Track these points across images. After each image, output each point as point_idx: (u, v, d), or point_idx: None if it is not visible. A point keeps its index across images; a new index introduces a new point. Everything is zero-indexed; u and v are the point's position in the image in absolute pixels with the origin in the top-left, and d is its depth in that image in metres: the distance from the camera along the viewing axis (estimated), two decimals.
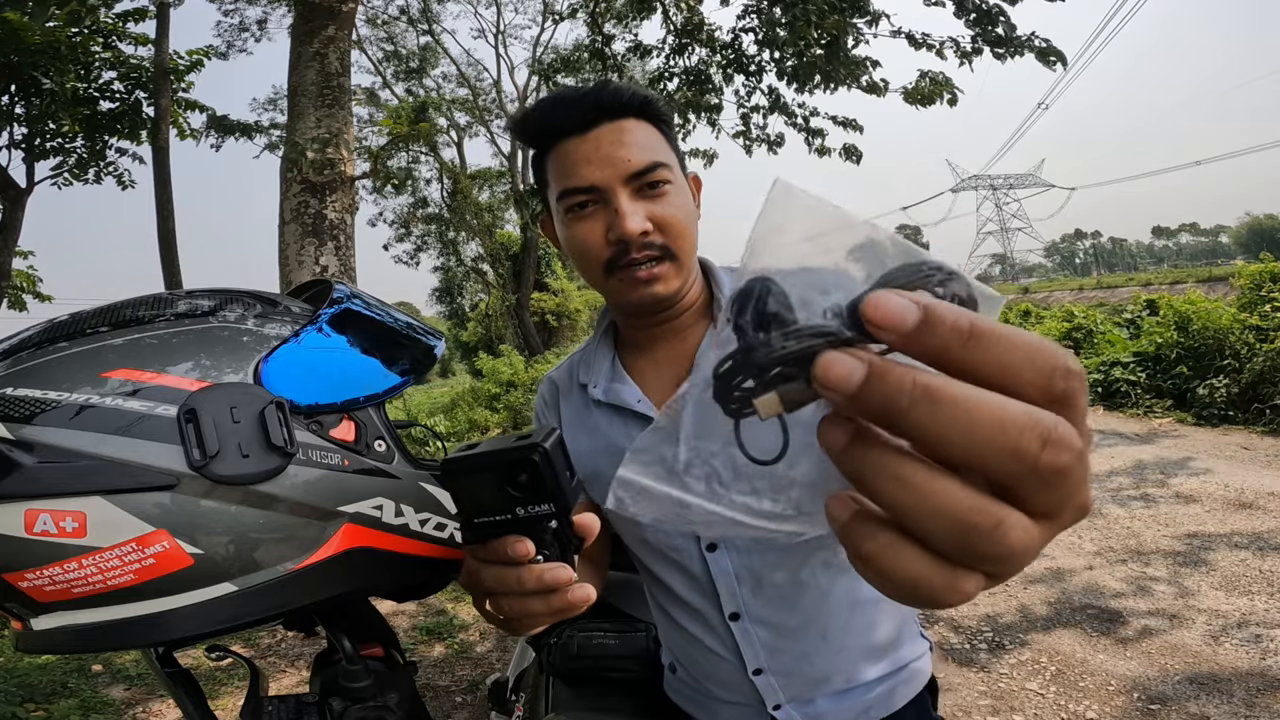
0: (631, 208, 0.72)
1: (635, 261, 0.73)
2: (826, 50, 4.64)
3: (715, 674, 0.85)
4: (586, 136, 0.74)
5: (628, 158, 0.73)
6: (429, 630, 3.40)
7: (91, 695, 3.08)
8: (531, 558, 0.45)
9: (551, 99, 0.77)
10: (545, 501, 0.44)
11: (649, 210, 0.73)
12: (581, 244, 0.76)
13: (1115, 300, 16.45)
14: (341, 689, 0.67)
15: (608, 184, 0.73)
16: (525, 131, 0.79)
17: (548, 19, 16.77)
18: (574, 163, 0.74)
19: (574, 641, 1.17)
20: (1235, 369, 5.95)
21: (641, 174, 0.73)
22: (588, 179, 0.73)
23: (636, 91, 0.76)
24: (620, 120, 0.74)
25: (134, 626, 0.49)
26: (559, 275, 21.67)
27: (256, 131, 11.94)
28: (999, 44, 4.48)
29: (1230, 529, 3.57)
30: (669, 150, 0.77)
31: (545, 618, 0.49)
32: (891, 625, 0.83)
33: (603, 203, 0.74)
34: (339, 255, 4.75)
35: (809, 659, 0.80)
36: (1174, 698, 2.27)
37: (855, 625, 0.80)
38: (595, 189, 0.73)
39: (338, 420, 0.57)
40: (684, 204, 0.76)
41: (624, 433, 0.83)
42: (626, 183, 0.73)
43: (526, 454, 0.43)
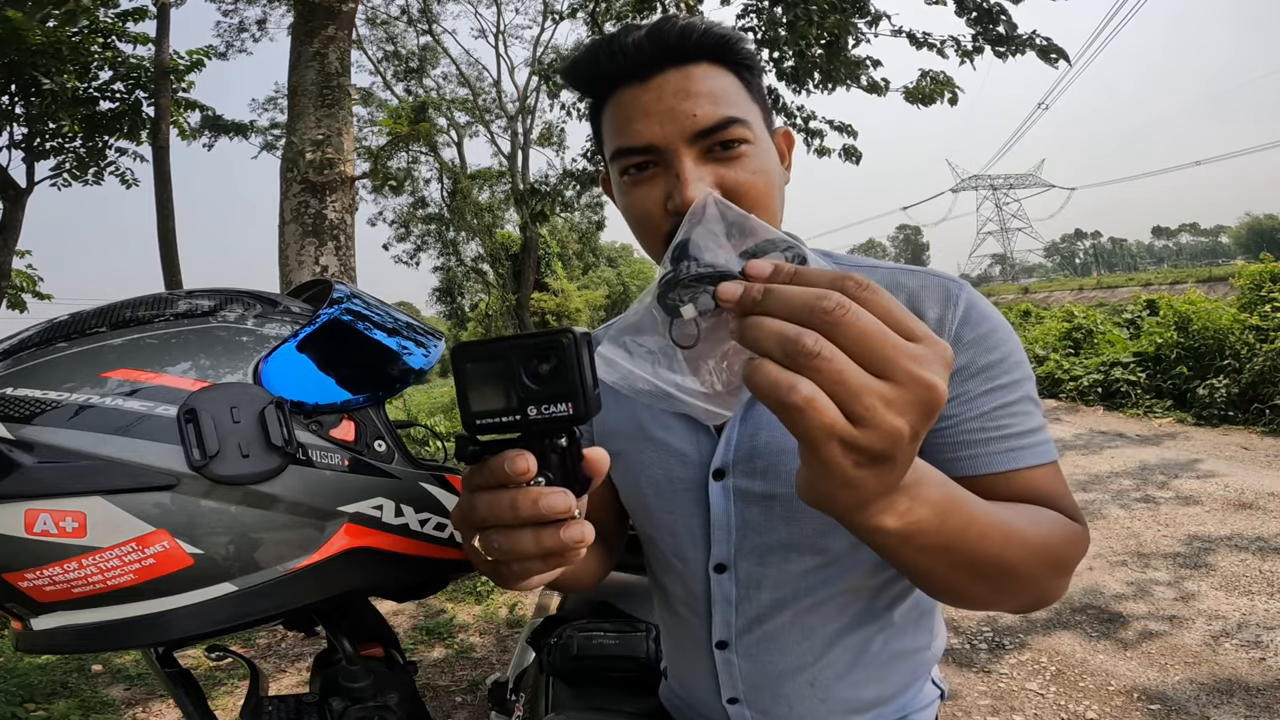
0: (697, 173, 0.61)
1: None
2: (827, 50, 4.64)
3: (695, 692, 0.81)
4: (646, 85, 0.62)
5: (694, 111, 0.61)
6: (429, 630, 3.40)
7: (91, 695, 3.08)
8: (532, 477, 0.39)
9: (608, 39, 0.65)
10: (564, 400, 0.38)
11: (719, 175, 0.61)
12: (639, 213, 0.65)
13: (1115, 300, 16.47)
14: (341, 689, 0.67)
15: (669, 143, 0.61)
16: (577, 78, 0.68)
17: (548, 19, 16.77)
18: (629, 116, 0.63)
19: (574, 641, 1.17)
20: (1235, 369, 5.95)
21: (711, 131, 0.61)
22: (645, 136, 0.62)
23: (711, 28, 0.63)
24: (688, 65, 0.62)
25: (134, 626, 0.49)
26: (559, 275, 21.68)
27: (251, 131, 11.94)
28: (1000, 42, 4.48)
29: (1231, 530, 3.57)
30: (749, 102, 0.65)
31: (536, 562, 0.41)
32: (900, 679, 0.75)
33: (664, 165, 0.63)
34: (339, 255, 4.75)
35: (789, 702, 0.74)
36: (1174, 698, 2.27)
37: (853, 679, 0.73)
38: (654, 148, 0.62)
39: (337, 420, 0.57)
40: (764, 168, 0.64)
41: (652, 414, 0.75)
42: (692, 142, 0.61)
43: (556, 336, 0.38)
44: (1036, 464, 0.62)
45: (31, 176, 7.19)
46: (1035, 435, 0.63)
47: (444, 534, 0.60)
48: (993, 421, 0.62)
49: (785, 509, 0.67)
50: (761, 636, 0.73)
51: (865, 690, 0.73)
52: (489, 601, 3.74)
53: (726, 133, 0.61)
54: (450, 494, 0.62)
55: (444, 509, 0.61)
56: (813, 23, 4.33)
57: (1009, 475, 0.62)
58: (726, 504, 0.70)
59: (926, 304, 0.66)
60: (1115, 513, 4.03)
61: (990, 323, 0.65)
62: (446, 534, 0.61)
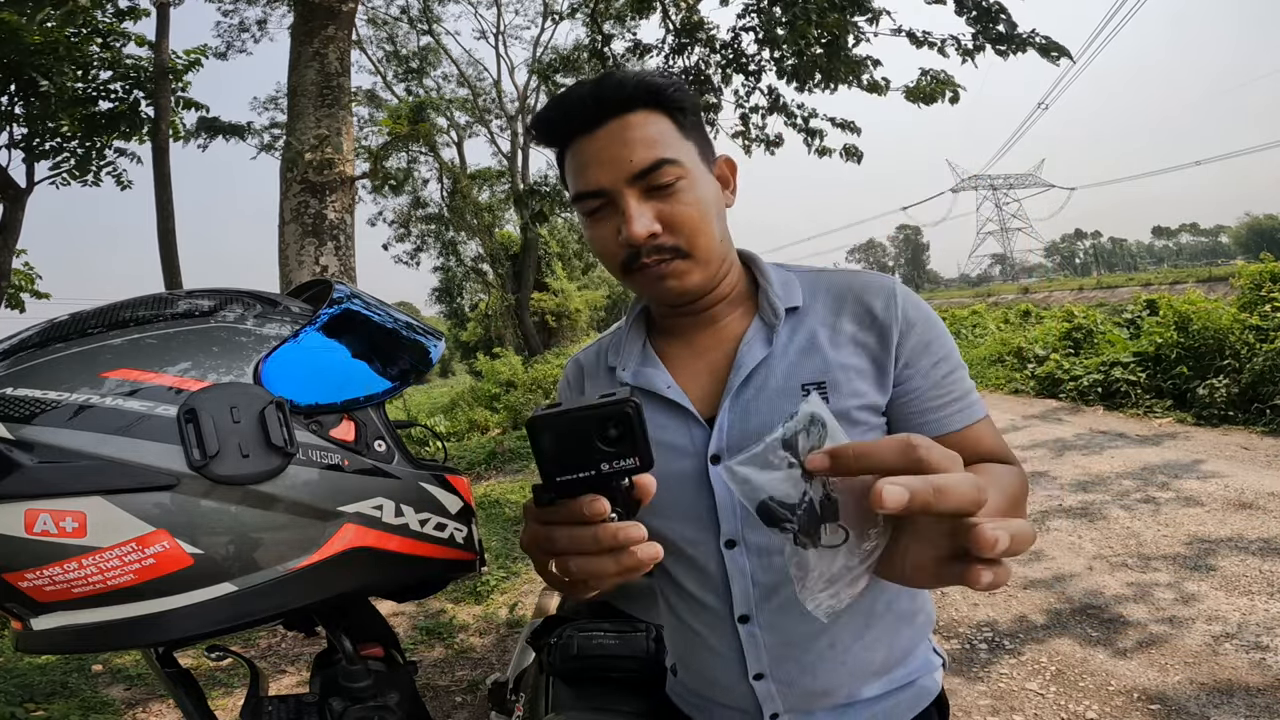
0: (638, 210, 0.70)
1: (646, 264, 0.72)
2: (826, 49, 4.64)
3: (716, 677, 0.83)
4: (594, 135, 0.71)
5: (629, 157, 0.69)
6: (429, 630, 3.40)
7: (91, 695, 3.08)
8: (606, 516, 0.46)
9: (558, 98, 0.74)
10: (632, 456, 0.45)
11: (658, 210, 0.70)
12: (599, 247, 0.75)
13: (1115, 300, 16.47)
14: (341, 689, 0.67)
15: (614, 186, 0.70)
16: (541, 132, 0.76)
17: (548, 19, 16.77)
18: (583, 163, 0.73)
19: (574, 641, 1.17)
20: (1235, 369, 5.95)
21: (645, 173, 0.70)
22: (595, 182, 0.71)
23: (642, 80, 0.71)
24: (626, 114, 0.71)
25: (134, 626, 0.49)
26: (559, 275, 21.66)
27: (247, 133, 11.93)
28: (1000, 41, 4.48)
29: (1231, 530, 3.57)
30: (681, 142, 0.73)
31: (614, 577, 0.49)
32: (904, 641, 0.81)
33: (613, 204, 0.72)
34: (339, 255, 4.75)
35: (813, 671, 0.78)
36: (1174, 698, 2.27)
37: (866, 639, 0.78)
38: (603, 191, 0.71)
39: (338, 420, 0.57)
40: (699, 199, 0.72)
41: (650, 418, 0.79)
42: (632, 184, 0.70)
43: (621, 407, 0.44)
44: (979, 418, 0.78)
45: (31, 176, 7.18)
46: (972, 395, 0.79)
47: (444, 534, 0.60)
48: (943, 389, 0.77)
49: None
50: (781, 604, 0.77)
51: (877, 651, 0.79)
52: (489, 601, 3.74)
53: (659, 173, 0.70)
54: (450, 494, 0.62)
55: (444, 509, 0.61)
56: (811, 22, 4.33)
57: (963, 432, 0.76)
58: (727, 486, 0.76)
59: (872, 298, 0.77)
60: (1116, 513, 4.03)
61: (922, 309, 0.79)
62: (446, 534, 0.61)
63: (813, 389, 0.74)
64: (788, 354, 0.77)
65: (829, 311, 0.78)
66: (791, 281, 0.81)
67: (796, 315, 0.79)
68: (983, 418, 0.78)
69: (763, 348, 0.77)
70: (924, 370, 0.76)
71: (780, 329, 0.77)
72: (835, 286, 0.80)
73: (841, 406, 0.73)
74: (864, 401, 0.75)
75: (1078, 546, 3.62)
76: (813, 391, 0.72)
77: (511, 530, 4.98)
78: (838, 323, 0.77)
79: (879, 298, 0.77)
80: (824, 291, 0.80)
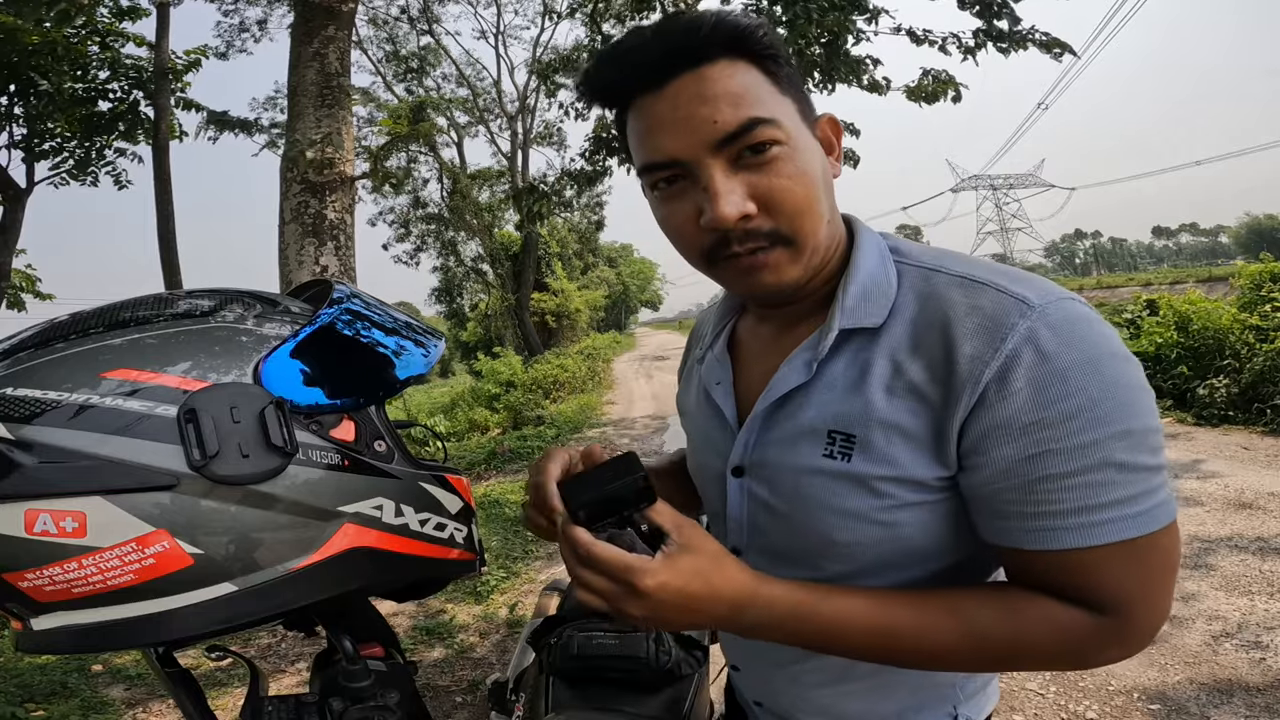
0: (726, 186, 0.56)
1: (737, 253, 0.58)
2: (826, 48, 4.64)
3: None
4: (661, 93, 0.57)
5: (713, 118, 0.55)
6: (429, 630, 3.40)
7: (91, 695, 3.08)
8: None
9: (614, 47, 0.60)
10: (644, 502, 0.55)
11: (752, 184, 0.56)
12: (674, 229, 0.61)
13: (1115, 300, 16.47)
14: (341, 689, 0.67)
15: (692, 155, 0.56)
16: (592, 90, 0.62)
17: (547, 19, 16.77)
18: (649, 128, 0.58)
19: (574, 641, 1.17)
20: (1235, 369, 5.95)
21: (735, 136, 0.55)
22: (666, 150, 0.57)
23: (723, 20, 0.56)
24: (703, 66, 0.56)
25: (134, 626, 0.49)
26: (559, 275, 21.67)
27: (255, 129, 11.93)
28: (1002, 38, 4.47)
29: (1231, 530, 3.57)
30: (778, 96, 0.58)
31: None
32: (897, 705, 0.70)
33: (691, 177, 0.58)
34: (339, 255, 4.75)
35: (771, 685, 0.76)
36: (1174, 698, 2.27)
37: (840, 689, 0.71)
38: (678, 162, 0.57)
39: (338, 420, 0.57)
40: (802, 169, 0.57)
41: (698, 403, 0.76)
42: (717, 151, 0.56)
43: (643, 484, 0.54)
44: (1084, 545, 0.52)
45: (31, 177, 7.18)
46: (1092, 513, 0.52)
47: (444, 534, 0.61)
48: (1035, 494, 0.53)
49: (786, 523, 0.65)
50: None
51: (850, 703, 0.71)
52: (489, 602, 3.74)
53: (752, 136, 0.55)
54: (449, 493, 0.62)
55: (444, 509, 0.61)
56: (811, 21, 4.32)
57: (1033, 553, 0.55)
58: (741, 500, 0.70)
59: (968, 331, 0.54)
60: None
61: (1058, 364, 0.51)
62: (446, 534, 0.61)
63: (839, 439, 0.59)
64: (833, 386, 0.61)
65: (909, 336, 0.58)
66: (884, 285, 0.61)
67: (870, 335, 0.60)
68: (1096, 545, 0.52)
69: (802, 373, 0.62)
70: (1001, 461, 0.53)
71: (836, 352, 0.61)
72: (937, 299, 0.58)
73: (863, 472, 0.58)
74: (897, 473, 0.57)
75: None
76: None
77: (512, 530, 4.98)
78: (912, 356, 0.57)
79: (980, 335, 0.54)
80: (921, 304, 0.59)
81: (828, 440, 0.60)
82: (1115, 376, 0.52)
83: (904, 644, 0.56)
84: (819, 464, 0.60)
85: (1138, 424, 0.52)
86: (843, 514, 0.60)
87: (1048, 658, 0.57)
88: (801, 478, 0.62)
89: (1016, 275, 0.58)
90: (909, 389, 0.57)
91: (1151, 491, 0.53)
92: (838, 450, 0.59)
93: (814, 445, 0.61)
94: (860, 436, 0.58)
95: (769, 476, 0.66)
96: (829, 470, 0.60)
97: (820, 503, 0.61)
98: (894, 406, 0.57)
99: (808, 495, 0.62)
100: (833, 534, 0.61)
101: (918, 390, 0.56)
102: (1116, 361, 0.52)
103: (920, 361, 0.56)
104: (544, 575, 4.07)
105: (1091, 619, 0.54)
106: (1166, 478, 0.55)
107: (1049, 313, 0.53)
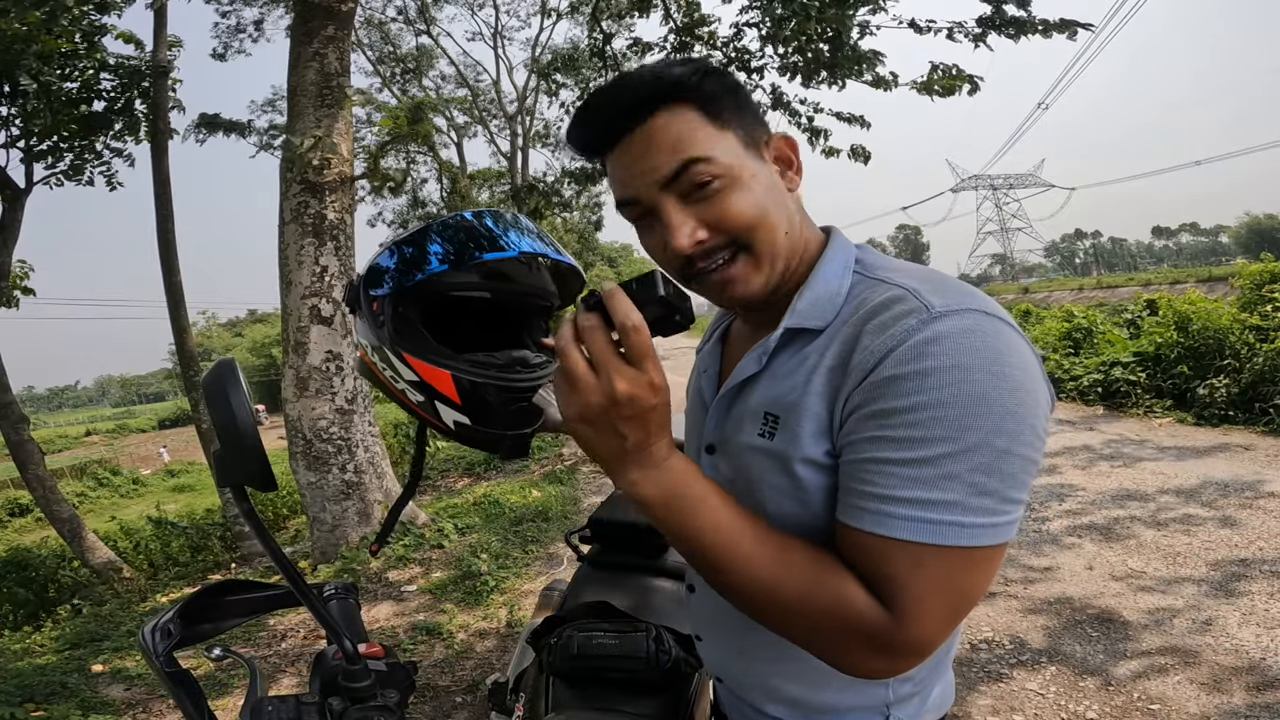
0: (678, 219, 0.64)
1: (705, 269, 0.67)
2: (830, 44, 4.61)
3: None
4: (617, 149, 0.67)
5: (655, 165, 0.64)
6: (429, 630, 3.39)
7: (91, 695, 3.08)
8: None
9: (580, 115, 0.69)
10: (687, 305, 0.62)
11: (701, 215, 0.64)
12: (653, 256, 0.71)
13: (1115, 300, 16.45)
14: (341, 689, 0.67)
15: (648, 197, 0.66)
16: (574, 148, 0.73)
17: (546, 17, 16.76)
18: (614, 178, 0.69)
19: (574, 641, 1.17)
20: (1235, 369, 5.95)
21: (676, 177, 0.64)
22: (628, 194, 0.67)
23: (656, 76, 0.65)
24: (648, 119, 0.64)
25: None
26: None
27: (248, 131, 11.93)
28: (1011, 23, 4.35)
29: (1232, 529, 3.57)
30: (715, 134, 0.64)
31: None
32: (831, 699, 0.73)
33: (653, 215, 0.67)
34: (339, 255, 4.75)
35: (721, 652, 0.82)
36: (1173, 698, 2.27)
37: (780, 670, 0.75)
38: (638, 202, 0.67)
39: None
40: (747, 193, 0.65)
41: (692, 389, 0.86)
42: (665, 190, 0.65)
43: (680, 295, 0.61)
44: (879, 533, 0.56)
45: (30, 177, 7.18)
46: (895, 505, 0.56)
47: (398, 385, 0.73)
48: (860, 472, 0.58)
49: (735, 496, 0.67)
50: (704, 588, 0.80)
51: (788, 685, 0.75)
52: (488, 602, 3.74)
53: (690, 174, 0.63)
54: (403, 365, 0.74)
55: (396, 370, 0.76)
56: (811, 17, 4.30)
57: (847, 529, 0.60)
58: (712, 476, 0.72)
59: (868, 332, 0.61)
60: (1116, 513, 4.03)
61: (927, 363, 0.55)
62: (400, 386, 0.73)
63: (770, 419, 0.67)
64: (775, 375, 0.68)
65: (838, 334, 0.65)
66: (835, 294, 0.68)
67: (814, 336, 0.67)
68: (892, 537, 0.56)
69: (754, 364, 0.70)
70: (853, 438, 0.59)
71: (785, 348, 0.69)
72: (866, 304, 0.64)
73: (780, 450, 0.65)
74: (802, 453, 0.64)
75: (1078, 547, 3.62)
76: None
77: (512, 530, 4.98)
78: (832, 350, 0.64)
79: (879, 331, 0.60)
80: (855, 307, 0.66)
81: (763, 421, 0.68)
82: (981, 391, 0.55)
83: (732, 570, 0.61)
84: (755, 441, 0.68)
85: (984, 441, 0.54)
86: (770, 488, 0.67)
87: (821, 625, 0.59)
88: (745, 454, 0.70)
89: (945, 287, 0.61)
90: (823, 377, 0.63)
91: (967, 509, 0.55)
92: (767, 430, 0.67)
93: (754, 425, 0.69)
94: (782, 418, 0.66)
95: (727, 452, 0.74)
96: (760, 447, 0.68)
97: (756, 477, 0.69)
98: (808, 391, 0.64)
99: (748, 470, 0.70)
100: (766, 506, 0.68)
101: (828, 378, 0.63)
102: (991, 378, 0.55)
103: (835, 352, 0.64)
104: (543, 576, 4.07)
105: (874, 608, 0.57)
106: (1002, 508, 0.56)
107: (944, 319, 0.57)
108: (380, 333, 0.75)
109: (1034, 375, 0.58)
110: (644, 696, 1.14)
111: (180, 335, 7.61)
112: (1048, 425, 0.59)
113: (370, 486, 4.80)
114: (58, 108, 6.70)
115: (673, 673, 1.15)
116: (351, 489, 4.72)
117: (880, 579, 0.57)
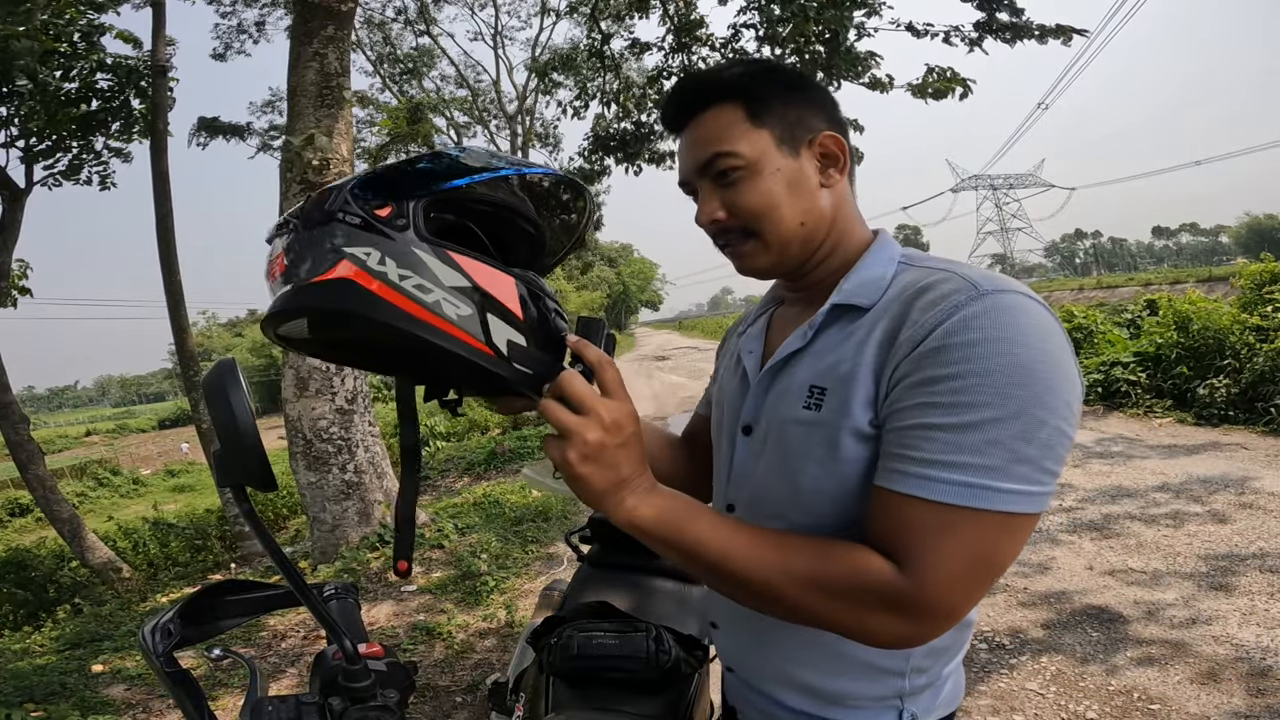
0: (706, 199, 0.76)
1: (723, 243, 0.78)
2: (827, 46, 4.62)
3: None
4: (681, 134, 0.79)
5: (695, 154, 0.75)
6: (429, 630, 3.40)
7: (91, 695, 3.08)
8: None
9: (666, 99, 0.81)
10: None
11: (723, 198, 0.74)
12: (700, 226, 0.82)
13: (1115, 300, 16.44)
14: (341, 689, 0.68)
15: (690, 179, 0.78)
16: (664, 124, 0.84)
17: (545, 17, 16.76)
18: (679, 158, 0.81)
19: (574, 641, 1.17)
20: (1235, 369, 5.95)
21: (706, 166, 0.74)
22: (681, 174, 0.79)
23: (711, 76, 0.76)
24: (702, 113, 0.75)
25: None
26: (557, 275, 21.65)
27: (247, 133, 11.92)
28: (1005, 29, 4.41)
29: (1231, 529, 3.57)
30: (749, 131, 0.72)
31: None
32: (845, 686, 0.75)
33: (695, 193, 0.79)
34: None
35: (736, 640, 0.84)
36: (1173, 697, 2.27)
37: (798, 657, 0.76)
38: (688, 182, 0.79)
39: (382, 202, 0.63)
40: (765, 188, 0.72)
41: (730, 369, 0.89)
42: (701, 175, 0.76)
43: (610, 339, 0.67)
44: (919, 495, 0.58)
45: (30, 177, 7.18)
46: (936, 469, 0.58)
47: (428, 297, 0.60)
48: (904, 438, 0.61)
49: (766, 469, 0.76)
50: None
51: (805, 673, 0.76)
52: (488, 602, 3.74)
53: (714, 166, 0.73)
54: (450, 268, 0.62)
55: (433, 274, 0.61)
56: (809, 18, 4.31)
57: (884, 493, 0.61)
58: (745, 455, 0.80)
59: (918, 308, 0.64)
60: (1115, 511, 4.03)
61: (974, 335, 0.58)
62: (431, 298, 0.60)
63: (816, 392, 0.69)
64: (822, 351, 0.71)
65: (886, 311, 0.68)
66: (881, 278, 0.72)
67: (861, 314, 0.70)
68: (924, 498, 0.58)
69: (800, 339, 0.74)
70: (899, 404, 0.62)
71: (831, 325, 0.72)
72: (914, 284, 0.67)
73: (827, 419, 0.67)
74: (850, 423, 0.66)
75: (1078, 546, 3.62)
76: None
77: (512, 530, 4.98)
78: (881, 324, 0.67)
79: (930, 307, 0.63)
80: (902, 288, 0.69)
81: (808, 394, 0.70)
82: (1025, 361, 0.58)
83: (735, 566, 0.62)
84: (798, 414, 0.71)
85: (1025, 410, 0.57)
86: (809, 460, 0.69)
87: (838, 597, 0.60)
88: (785, 427, 0.72)
89: (988, 274, 0.65)
90: (873, 349, 0.66)
91: (1008, 474, 0.57)
92: (813, 402, 0.70)
93: (797, 399, 0.71)
94: (830, 389, 0.68)
95: (764, 427, 0.76)
96: (804, 420, 0.70)
97: (794, 450, 0.71)
98: (859, 362, 0.66)
99: (786, 443, 0.72)
100: (800, 479, 0.70)
101: (877, 350, 0.66)
102: (1034, 353, 0.58)
103: (885, 327, 0.66)
104: (543, 576, 4.07)
105: (889, 571, 0.59)
106: (1038, 476, 0.58)
107: (991, 296, 0.61)
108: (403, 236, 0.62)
109: (1071, 357, 0.61)
110: (644, 696, 1.14)
111: (180, 335, 7.61)
112: (1079, 410, 0.62)
113: (370, 486, 4.80)
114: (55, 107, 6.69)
115: (673, 673, 1.15)
116: (351, 489, 4.72)
117: (907, 542, 0.59)
